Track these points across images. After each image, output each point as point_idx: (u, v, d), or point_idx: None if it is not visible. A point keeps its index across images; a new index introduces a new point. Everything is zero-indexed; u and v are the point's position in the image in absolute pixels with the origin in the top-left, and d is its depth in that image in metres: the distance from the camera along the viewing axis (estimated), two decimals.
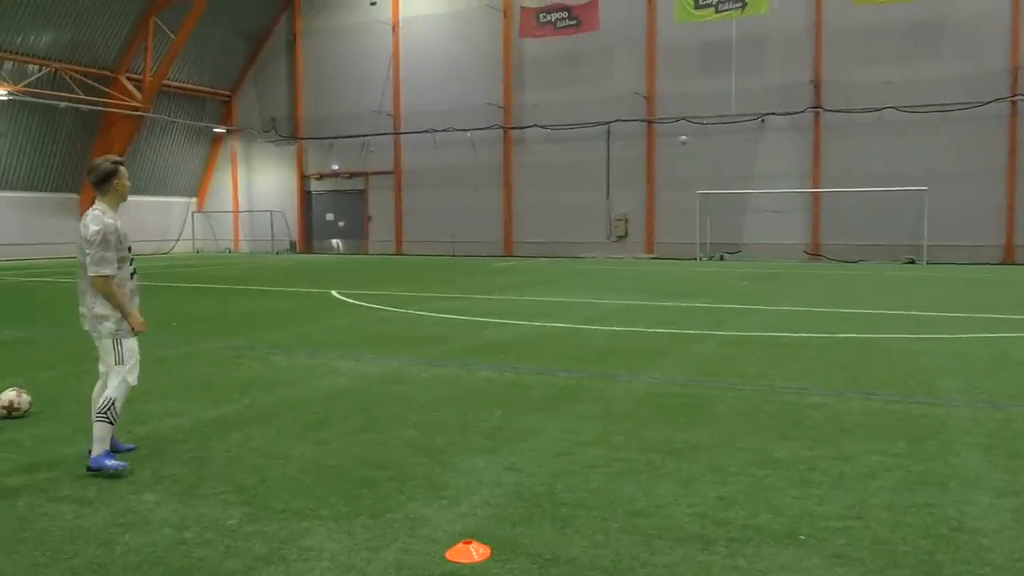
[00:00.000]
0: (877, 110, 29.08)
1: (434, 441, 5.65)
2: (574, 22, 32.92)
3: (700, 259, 30.80)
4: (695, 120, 31.71)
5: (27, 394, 6.53)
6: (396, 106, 38.28)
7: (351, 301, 15.59)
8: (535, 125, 35.06)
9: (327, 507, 4.38)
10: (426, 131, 37.21)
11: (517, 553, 3.78)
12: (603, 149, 34.18)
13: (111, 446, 5.11)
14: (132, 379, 5.16)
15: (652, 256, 33.01)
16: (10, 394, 6.42)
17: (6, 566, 3.67)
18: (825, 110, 29.98)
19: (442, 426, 6.06)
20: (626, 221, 33.99)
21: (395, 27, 38.07)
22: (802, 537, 3.96)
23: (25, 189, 35.78)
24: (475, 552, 3.76)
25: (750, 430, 5.91)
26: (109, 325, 5.10)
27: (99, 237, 4.98)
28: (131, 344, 5.17)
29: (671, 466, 5.08)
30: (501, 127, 35.86)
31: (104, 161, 5.17)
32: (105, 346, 5.15)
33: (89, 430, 5.70)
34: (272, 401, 6.97)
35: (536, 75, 35.34)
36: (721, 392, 7.20)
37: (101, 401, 5.06)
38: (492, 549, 3.80)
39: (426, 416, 6.37)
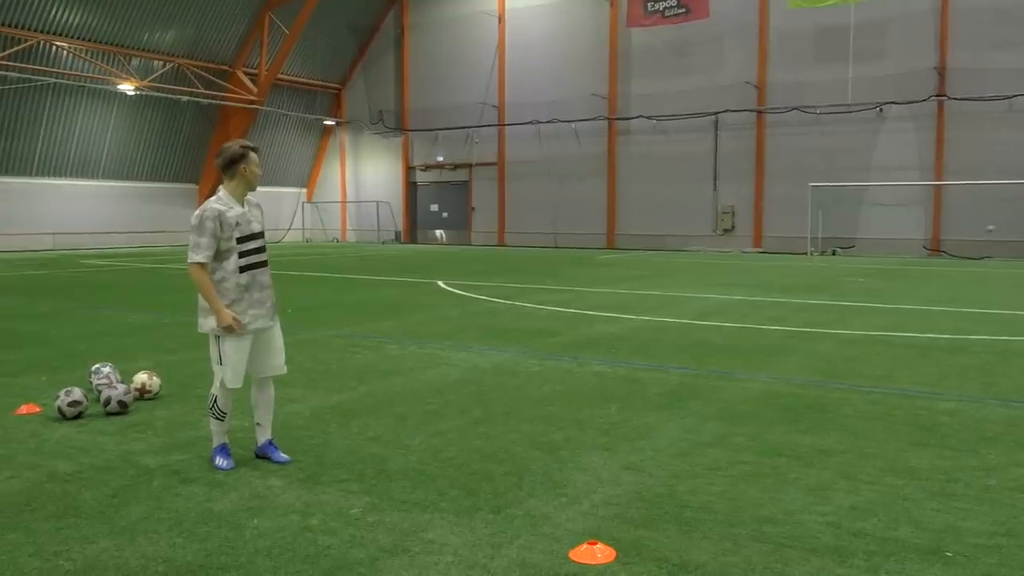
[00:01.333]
0: (1008, 98, 27.40)
1: (550, 436, 5.58)
2: (683, 10, 32.26)
3: (811, 254, 29.77)
4: (808, 110, 30.63)
5: (157, 377, 6.79)
6: (501, 97, 38.41)
7: (458, 292, 15.71)
8: (640, 116, 34.57)
9: (447, 500, 4.37)
10: (530, 122, 37.23)
11: (643, 557, 3.67)
12: (710, 140, 33.43)
13: (265, 454, 5.09)
14: (227, 381, 4.87)
15: (760, 250, 32.12)
16: (142, 376, 6.70)
17: (145, 544, 3.79)
18: (950, 98, 28.44)
19: (557, 421, 6.00)
20: (733, 214, 33.15)
21: (501, 18, 38.17)
22: (949, 554, 3.71)
23: (148, 179, 37.58)
24: (600, 553, 3.67)
25: (882, 436, 5.61)
26: (211, 321, 4.86)
27: (196, 221, 4.82)
28: (228, 347, 4.86)
29: (798, 471, 4.86)
30: (606, 118, 35.52)
31: (234, 144, 5.01)
32: (210, 342, 4.96)
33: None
34: (387, 390, 7.05)
35: (642, 65, 34.82)
36: (846, 394, 6.88)
37: (210, 396, 4.98)
38: (616, 551, 3.70)
39: (541, 410, 6.31)
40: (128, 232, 36.60)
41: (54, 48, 31.81)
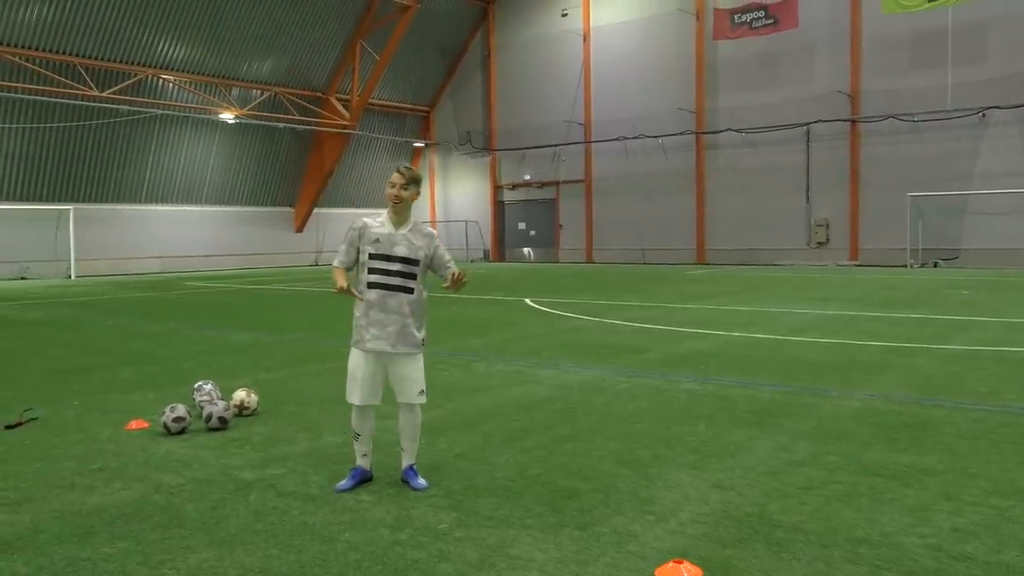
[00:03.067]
0: None
1: (638, 454, 5.55)
2: (771, 21, 31.77)
3: (911, 266, 28.70)
4: (905, 117, 29.62)
5: (256, 394, 7.05)
6: (587, 115, 38.48)
7: (545, 309, 15.76)
8: (729, 129, 34.08)
9: (533, 516, 4.40)
10: (617, 139, 37.16)
11: None
12: (802, 151, 32.67)
13: (404, 479, 5.05)
14: (347, 394, 5.04)
15: (856, 263, 31.14)
16: (241, 393, 6.96)
17: (243, 555, 3.94)
18: None
19: (645, 438, 5.96)
20: (827, 226, 32.25)
21: (586, 36, 38.31)
22: None
23: (248, 204, 39.03)
24: (686, 572, 3.63)
25: (987, 456, 5.37)
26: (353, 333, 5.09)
27: (347, 229, 5.10)
28: (351, 360, 5.03)
29: (896, 491, 4.70)
30: (693, 132, 35.16)
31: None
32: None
33: (311, 428, 6.10)
34: (474, 408, 7.13)
35: (730, 78, 34.35)
36: (948, 412, 6.62)
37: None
38: (704, 570, 3.66)
39: (628, 428, 6.28)
40: (229, 255, 38.05)
41: (161, 81, 33.49)
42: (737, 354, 9.85)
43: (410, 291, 5.01)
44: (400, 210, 4.99)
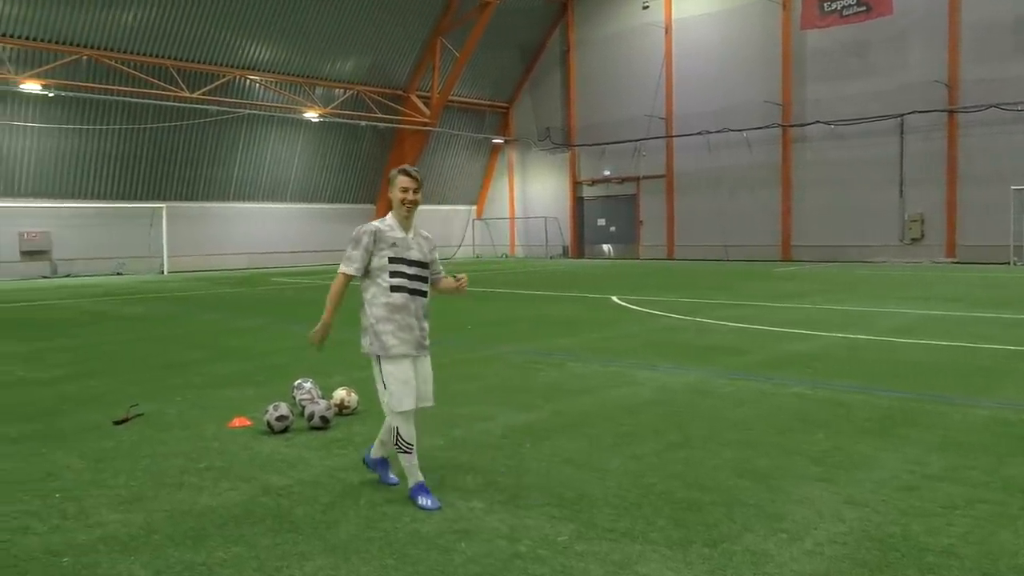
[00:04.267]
0: None
1: (756, 464, 5.25)
2: (863, 8, 30.65)
3: (1014, 263, 27.30)
4: (1008, 107, 28.17)
5: (355, 393, 6.98)
6: (668, 109, 37.82)
7: (633, 307, 15.44)
8: (817, 121, 33.02)
9: (656, 530, 4.17)
10: (699, 133, 36.42)
11: None
12: (895, 144, 31.41)
13: (373, 467, 5.08)
14: (396, 405, 4.69)
15: (953, 260, 29.79)
16: (341, 392, 6.90)
17: (359, 564, 3.82)
18: None
19: (760, 447, 5.65)
20: (922, 221, 30.94)
21: (667, 29, 37.65)
22: None
23: (330, 201, 39.63)
24: None
25: None
26: (365, 341, 4.85)
27: (354, 235, 4.84)
28: (391, 368, 4.72)
29: None
30: (779, 125, 34.18)
31: (393, 169, 4.92)
32: (373, 366, 4.86)
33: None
34: (576, 410, 6.92)
35: (818, 68, 33.26)
36: None
37: (391, 432, 4.79)
38: None
39: (741, 435, 5.98)
40: (312, 251, 38.70)
41: (248, 82, 34.22)
42: (843, 356, 9.40)
43: (424, 294, 4.94)
44: (413, 214, 4.89)
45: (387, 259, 4.81)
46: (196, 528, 4.32)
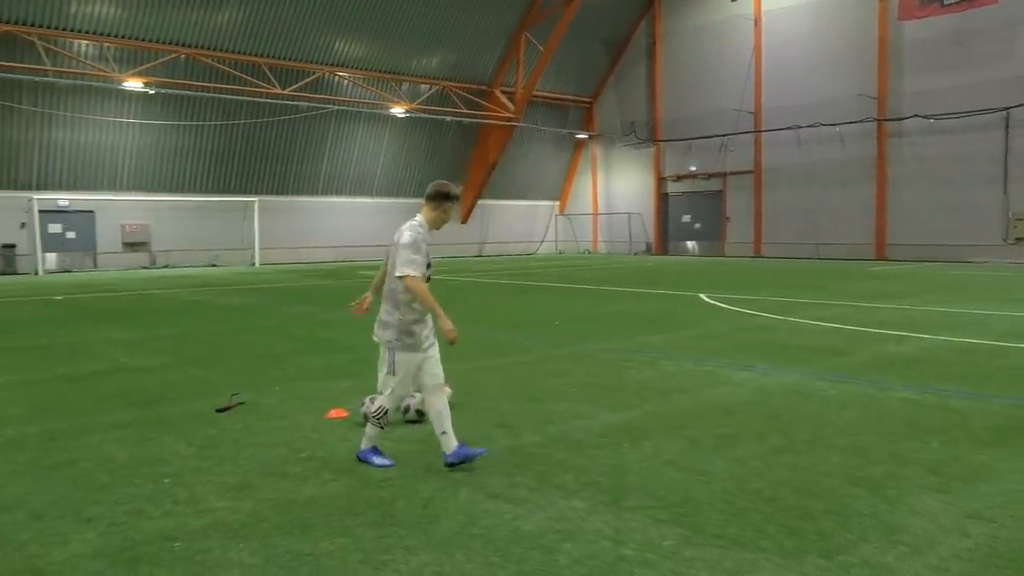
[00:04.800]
0: None
1: (868, 471, 5.04)
2: None
3: None
4: None
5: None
6: (757, 103, 36.96)
7: (722, 305, 15.13)
8: (915, 115, 31.76)
9: (767, 538, 4.02)
10: (790, 127, 35.48)
11: None
12: (999, 138, 29.97)
13: (463, 456, 5.20)
14: (400, 391, 5.32)
15: None
16: None
17: (463, 562, 3.79)
18: None
19: (871, 454, 5.42)
20: None
21: (757, 21, 36.78)
22: None
23: (415, 196, 40.03)
24: None
25: None
26: (388, 333, 5.22)
27: (410, 240, 5.19)
28: (404, 359, 5.17)
29: None
30: (875, 119, 33.02)
31: (446, 186, 5.42)
32: (381, 353, 5.29)
33: (506, 425, 5.98)
34: (673, 409, 6.79)
35: (917, 60, 31.98)
36: None
37: (375, 406, 5.35)
38: None
39: (848, 440, 5.75)
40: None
41: (336, 78, 34.88)
42: (951, 360, 8.98)
43: None
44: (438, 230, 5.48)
45: (427, 265, 5.30)
46: (302, 518, 4.37)
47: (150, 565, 3.78)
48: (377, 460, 5.31)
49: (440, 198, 5.35)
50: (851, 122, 33.53)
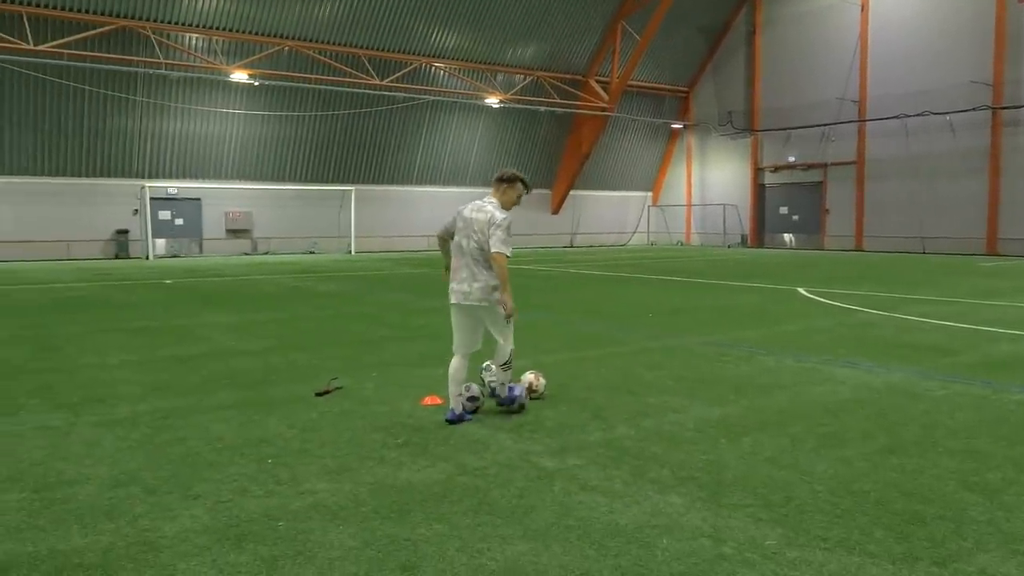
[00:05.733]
0: None
1: (984, 476, 4.79)
2: None
3: None
4: None
5: (544, 377, 6.98)
6: (862, 91, 35.65)
7: (822, 300, 14.66)
8: None
9: (874, 542, 3.86)
10: (896, 116, 34.11)
11: None
12: None
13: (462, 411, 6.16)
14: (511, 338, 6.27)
15: None
16: (530, 376, 6.91)
17: (560, 553, 3.77)
18: None
19: (987, 458, 5.15)
20: None
21: (864, 6, 35.44)
22: None
23: None
24: None
25: None
26: (494, 295, 6.01)
27: (506, 223, 6.01)
28: (509, 301, 6.01)
29: None
30: (989, 107, 31.43)
31: (513, 174, 6.27)
32: (496, 311, 6.06)
33: (601, 416, 5.92)
34: (772, 406, 6.60)
35: None
36: None
37: (507, 353, 6.22)
38: None
39: (962, 443, 5.48)
40: None
41: (433, 69, 35.27)
42: None
43: None
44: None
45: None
46: (399, 503, 4.43)
47: (255, 543, 3.90)
48: (517, 390, 6.31)
49: (513, 180, 6.21)
50: (963, 110, 32.03)
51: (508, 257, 5.97)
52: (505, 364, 6.23)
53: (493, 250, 5.93)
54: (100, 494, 4.59)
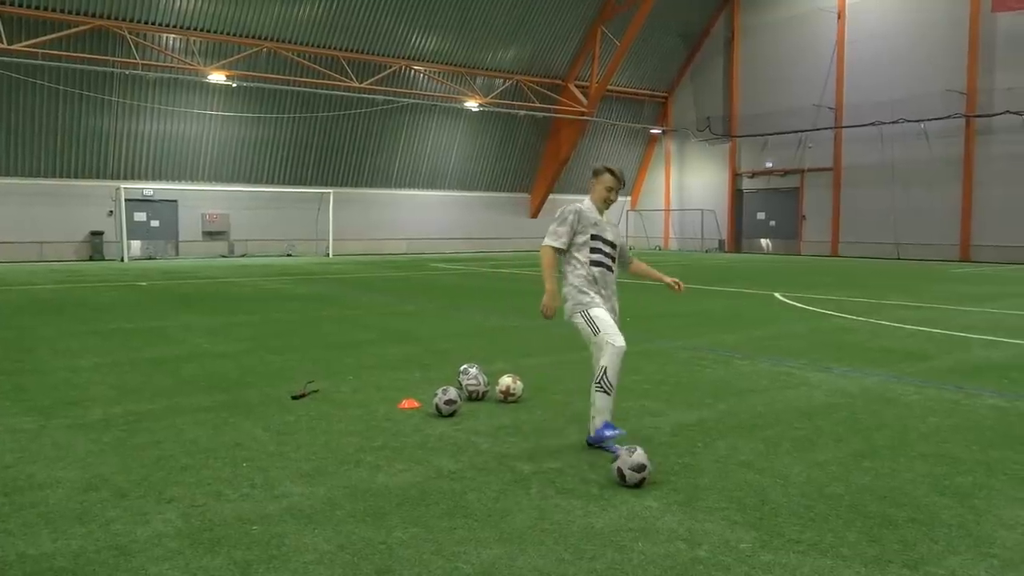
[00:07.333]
0: None
1: (955, 480, 4.84)
2: None
3: None
4: None
5: (520, 381, 6.98)
6: (839, 99, 36.02)
7: (798, 305, 14.78)
8: (1007, 112, 30.56)
9: (847, 545, 3.89)
10: (872, 124, 34.50)
11: None
12: None
13: (599, 438, 5.39)
14: (614, 341, 5.27)
15: None
16: (507, 380, 6.92)
17: (534, 556, 3.77)
18: None
19: (958, 462, 5.21)
20: None
21: (840, 14, 35.84)
22: None
23: (486, 189, 40.29)
24: None
25: None
26: (568, 305, 5.48)
27: (559, 214, 5.57)
28: (598, 313, 5.35)
29: None
30: (962, 115, 31.86)
31: (600, 166, 5.75)
32: (576, 324, 5.44)
33: (579, 420, 5.92)
34: (748, 410, 6.65)
35: (1011, 55, 30.76)
36: None
37: (597, 371, 5.32)
38: None
39: (934, 447, 5.54)
40: (467, 238, 39.51)
41: (412, 72, 35.22)
42: None
43: (614, 271, 5.66)
44: (608, 207, 5.65)
45: (590, 236, 5.50)
46: (375, 506, 4.41)
47: (228, 547, 3.86)
48: (609, 432, 5.29)
49: (599, 173, 5.66)
50: (937, 118, 32.44)
51: (553, 248, 5.50)
52: (598, 383, 5.29)
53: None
54: (71, 498, 4.53)
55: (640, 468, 4.72)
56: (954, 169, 32.44)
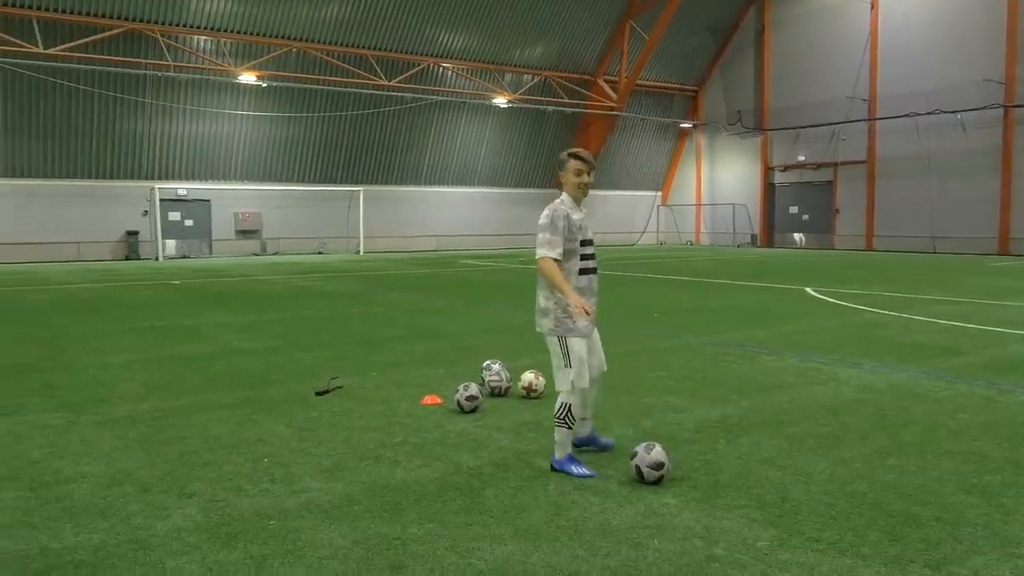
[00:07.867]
0: None
1: (983, 478, 4.74)
2: None
3: None
4: None
5: (543, 377, 6.96)
6: (872, 90, 35.45)
7: (830, 300, 14.59)
8: None
9: (868, 544, 3.83)
10: (907, 115, 33.90)
11: None
12: None
13: (590, 441, 5.34)
14: (577, 381, 4.86)
15: None
16: (529, 376, 6.91)
17: (548, 553, 3.76)
18: None
19: (986, 459, 5.10)
20: None
21: (874, 5, 35.23)
22: None
23: (516, 186, 40.26)
24: None
25: None
26: (548, 321, 4.93)
27: (547, 220, 4.91)
28: (575, 345, 4.87)
29: None
30: (1001, 106, 31.18)
31: (563, 152, 5.12)
32: (550, 344, 4.97)
33: (599, 417, 5.89)
34: (773, 406, 6.57)
35: None
36: None
37: (556, 405, 4.93)
38: None
39: (963, 445, 5.43)
40: (497, 235, 39.54)
41: (441, 69, 35.29)
42: None
43: (597, 270, 5.17)
44: (584, 196, 5.08)
45: (579, 242, 4.97)
46: (392, 502, 4.43)
47: (245, 541, 3.90)
48: (576, 470, 4.86)
49: (559, 165, 5.08)
50: (974, 109, 31.79)
51: (545, 257, 4.86)
52: (561, 419, 4.92)
53: (536, 256, 4.95)
54: (95, 492, 4.60)
55: (658, 466, 4.68)
56: (992, 160, 31.79)
